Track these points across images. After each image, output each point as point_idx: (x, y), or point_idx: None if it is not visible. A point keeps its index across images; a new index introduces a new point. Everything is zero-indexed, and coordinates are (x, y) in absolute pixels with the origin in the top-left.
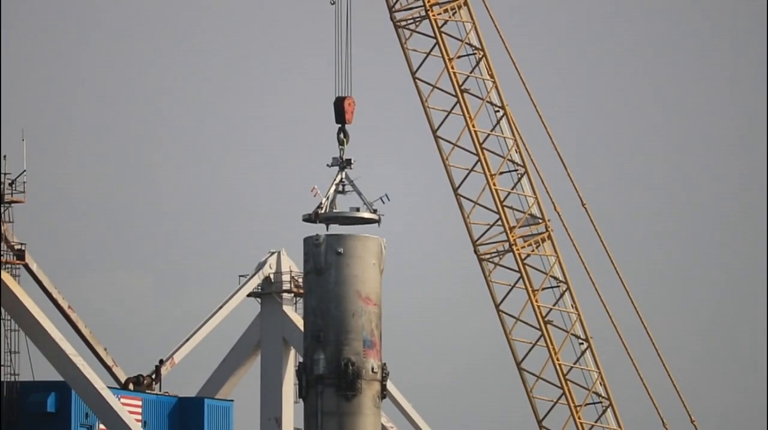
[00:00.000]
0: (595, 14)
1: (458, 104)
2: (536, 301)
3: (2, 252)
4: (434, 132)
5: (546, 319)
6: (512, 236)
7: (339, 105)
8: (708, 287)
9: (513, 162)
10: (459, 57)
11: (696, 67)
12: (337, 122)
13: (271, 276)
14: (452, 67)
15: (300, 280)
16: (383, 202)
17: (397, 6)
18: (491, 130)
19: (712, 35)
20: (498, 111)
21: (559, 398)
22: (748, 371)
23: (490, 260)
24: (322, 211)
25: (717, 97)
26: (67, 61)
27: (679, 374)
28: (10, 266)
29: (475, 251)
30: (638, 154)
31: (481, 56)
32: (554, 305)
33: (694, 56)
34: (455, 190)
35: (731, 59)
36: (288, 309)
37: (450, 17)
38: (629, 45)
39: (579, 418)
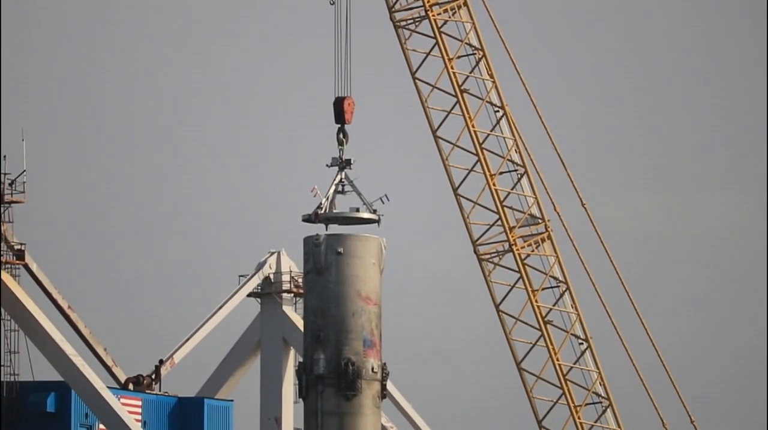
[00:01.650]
0: (595, 14)
1: (458, 104)
2: (536, 301)
3: (2, 252)
4: (434, 132)
5: (546, 319)
6: (512, 236)
7: (338, 105)
8: (708, 286)
9: (513, 162)
10: (459, 57)
11: (697, 67)
12: (337, 122)
13: (271, 276)
14: (452, 67)
15: (300, 280)
16: (383, 203)
17: (397, 6)
18: (491, 130)
19: (713, 35)
20: (498, 111)
21: (559, 398)
22: (748, 371)
23: (490, 260)
24: (322, 211)
25: (718, 96)
26: (67, 61)
27: (680, 374)
28: (10, 266)
29: (475, 251)
30: (638, 154)
31: (480, 56)
32: (554, 305)
33: (695, 56)
34: (455, 190)
35: (732, 59)
36: (288, 309)
37: (450, 17)
38: (629, 45)
39: (579, 418)
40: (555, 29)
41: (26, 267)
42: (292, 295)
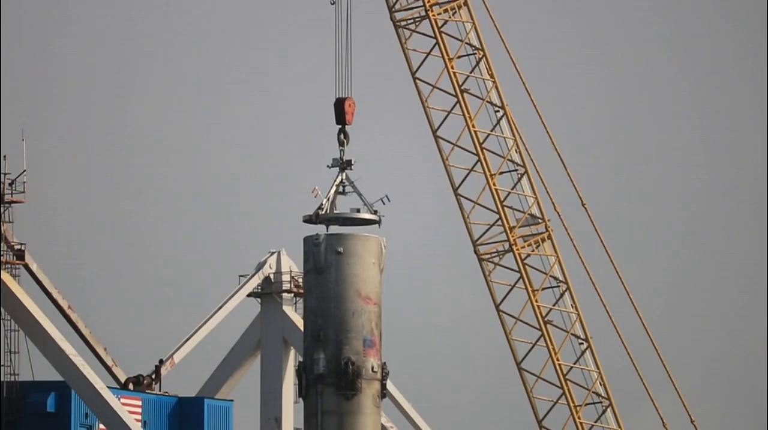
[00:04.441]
0: (595, 14)
1: (458, 104)
2: (536, 301)
3: (2, 252)
4: (434, 132)
5: (546, 319)
6: (512, 236)
7: (339, 106)
8: (708, 286)
9: (513, 162)
10: (459, 57)
11: (697, 67)
12: (338, 123)
13: (271, 276)
14: (452, 67)
15: (300, 280)
16: (383, 203)
17: (397, 6)
18: (491, 130)
19: (712, 35)
20: (498, 111)
21: (559, 398)
22: (748, 371)
23: (490, 260)
24: (323, 212)
25: (717, 96)
26: (67, 61)
27: (680, 374)
28: (10, 266)
29: (475, 251)
30: (638, 154)
31: (481, 56)
32: (554, 305)
33: (695, 56)
34: (455, 190)
35: (732, 59)
36: (288, 309)
37: (450, 17)
38: (629, 45)
39: (579, 418)
40: (555, 29)
41: (26, 267)
42: (292, 295)
